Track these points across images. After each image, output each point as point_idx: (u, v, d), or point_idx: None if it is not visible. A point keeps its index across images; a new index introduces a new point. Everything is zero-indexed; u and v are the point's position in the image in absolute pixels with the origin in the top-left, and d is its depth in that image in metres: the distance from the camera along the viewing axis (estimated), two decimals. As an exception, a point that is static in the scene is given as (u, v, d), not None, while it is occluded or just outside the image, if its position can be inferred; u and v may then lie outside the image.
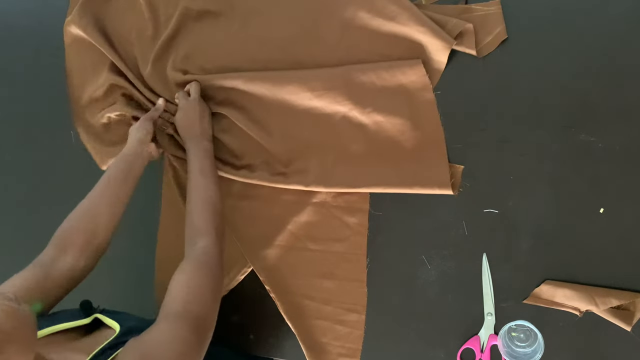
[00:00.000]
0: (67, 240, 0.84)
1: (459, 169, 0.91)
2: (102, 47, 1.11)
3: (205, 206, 0.86)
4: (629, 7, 0.87)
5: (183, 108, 1.00)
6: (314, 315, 0.97)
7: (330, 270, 0.97)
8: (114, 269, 0.92)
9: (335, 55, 0.99)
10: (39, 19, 1.26)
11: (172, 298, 0.72)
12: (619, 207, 0.84)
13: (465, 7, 0.95)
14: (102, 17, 1.16)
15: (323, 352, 0.96)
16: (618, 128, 0.85)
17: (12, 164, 1.25)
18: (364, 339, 0.95)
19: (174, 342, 0.65)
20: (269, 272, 1.00)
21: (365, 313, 0.95)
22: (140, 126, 0.98)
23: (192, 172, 0.91)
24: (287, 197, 1.00)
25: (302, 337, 0.96)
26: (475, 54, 0.92)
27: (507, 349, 0.85)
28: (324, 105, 0.98)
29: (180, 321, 0.68)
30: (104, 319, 0.74)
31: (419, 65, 0.93)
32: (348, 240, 0.97)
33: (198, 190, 0.89)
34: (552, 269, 0.86)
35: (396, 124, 0.94)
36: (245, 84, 1.01)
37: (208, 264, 0.78)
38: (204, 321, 0.71)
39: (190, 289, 0.73)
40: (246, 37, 1.06)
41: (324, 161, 0.97)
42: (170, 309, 0.70)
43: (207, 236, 0.82)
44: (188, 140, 0.97)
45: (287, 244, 1.00)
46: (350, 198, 0.97)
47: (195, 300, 0.72)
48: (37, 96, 1.24)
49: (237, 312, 1.02)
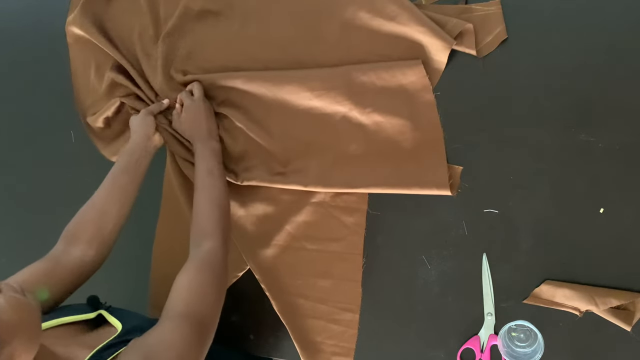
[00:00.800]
0: (75, 233, 0.85)
1: (458, 170, 0.91)
2: (105, 46, 1.11)
3: (213, 207, 0.87)
4: (628, 7, 0.87)
5: (189, 108, 1.00)
6: (309, 314, 0.97)
7: (326, 270, 0.98)
8: (114, 265, 0.92)
9: (336, 55, 0.99)
10: (39, 19, 1.26)
11: (176, 299, 0.72)
12: (619, 207, 0.84)
13: (465, 7, 0.95)
14: (103, 17, 1.16)
15: (317, 351, 0.96)
16: (618, 128, 0.85)
17: (12, 164, 1.25)
18: (364, 339, 0.95)
19: (177, 342, 0.65)
20: (266, 270, 1.00)
21: (359, 313, 0.95)
22: (143, 121, 0.99)
23: (199, 172, 0.91)
24: (286, 196, 1.00)
25: (296, 336, 0.97)
26: (475, 54, 0.92)
27: (507, 349, 0.85)
28: (324, 105, 0.98)
29: (183, 322, 0.68)
30: (107, 316, 0.74)
31: (419, 66, 0.93)
32: (345, 240, 0.97)
33: (206, 191, 0.89)
34: (552, 269, 0.86)
35: (396, 124, 0.94)
36: (245, 83, 1.01)
37: (212, 266, 0.78)
38: (206, 322, 0.71)
39: (194, 290, 0.74)
40: (246, 37, 1.06)
41: (323, 161, 0.97)
42: (174, 310, 0.70)
43: (213, 238, 0.82)
44: (195, 141, 0.97)
45: (285, 243, 1.00)
46: (348, 198, 0.97)
47: (198, 302, 0.72)
48: (37, 96, 1.25)
49: (237, 312, 1.03)
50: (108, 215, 0.88)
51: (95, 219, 0.87)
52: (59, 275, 0.80)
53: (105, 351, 0.65)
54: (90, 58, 1.17)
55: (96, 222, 0.87)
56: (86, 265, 0.83)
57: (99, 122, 1.13)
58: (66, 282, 0.80)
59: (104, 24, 1.16)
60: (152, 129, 0.98)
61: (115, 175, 0.92)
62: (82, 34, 1.15)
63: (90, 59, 1.17)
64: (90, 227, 0.86)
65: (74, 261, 0.82)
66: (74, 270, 0.82)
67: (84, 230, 0.86)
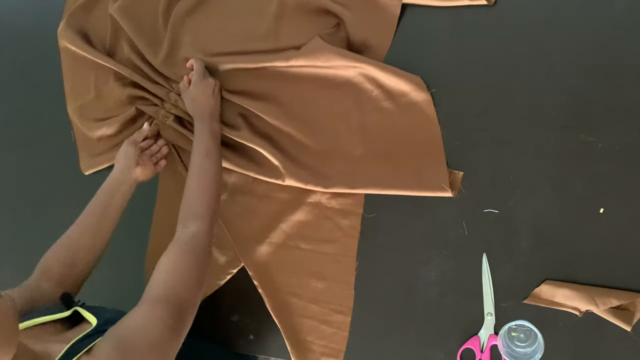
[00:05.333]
0: (49, 269, 0.85)
1: (459, 176, 0.91)
2: (89, 53, 1.13)
3: (206, 189, 0.86)
4: (628, 7, 0.87)
5: (197, 84, 0.99)
6: (301, 314, 0.98)
7: (320, 271, 0.98)
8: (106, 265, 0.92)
9: None
10: (38, 19, 1.27)
11: (155, 281, 0.72)
12: (619, 207, 0.84)
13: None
14: (86, 27, 1.18)
15: (307, 350, 0.96)
16: (618, 128, 0.85)
17: (12, 165, 1.25)
18: (364, 339, 0.95)
19: (151, 325, 0.65)
20: (259, 267, 1.01)
21: (351, 315, 0.95)
22: (124, 152, 0.98)
23: (196, 153, 0.91)
24: (283, 195, 1.01)
25: (287, 334, 0.97)
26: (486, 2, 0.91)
27: (507, 349, 0.85)
28: (322, 105, 0.99)
29: (159, 305, 0.68)
30: (83, 312, 0.74)
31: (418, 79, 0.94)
32: (339, 242, 0.97)
33: (201, 172, 0.89)
34: (552, 269, 0.86)
35: (394, 124, 0.95)
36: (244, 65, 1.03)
37: (195, 250, 0.78)
38: (184, 306, 0.70)
39: (174, 273, 0.73)
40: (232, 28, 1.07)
41: (322, 161, 0.98)
42: (152, 293, 0.70)
43: (202, 220, 0.82)
44: (198, 120, 0.97)
45: (279, 241, 1.01)
46: (344, 200, 0.98)
47: (177, 285, 0.72)
48: (37, 96, 1.25)
49: (237, 312, 1.02)
50: (79, 254, 0.88)
51: (67, 257, 0.87)
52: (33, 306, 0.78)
53: (81, 343, 0.64)
54: (77, 66, 1.19)
55: (68, 261, 0.87)
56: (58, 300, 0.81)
57: (105, 130, 1.13)
58: None
59: (87, 32, 1.18)
60: (133, 161, 0.96)
61: (91, 209, 0.91)
62: (67, 45, 1.17)
63: (76, 67, 1.19)
64: (61, 265, 0.86)
65: (46, 296, 0.81)
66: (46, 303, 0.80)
67: (56, 268, 0.85)
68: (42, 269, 0.86)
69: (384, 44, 0.98)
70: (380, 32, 0.98)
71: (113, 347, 0.62)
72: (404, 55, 0.97)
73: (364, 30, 0.99)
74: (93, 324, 0.70)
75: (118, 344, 0.62)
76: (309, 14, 1.02)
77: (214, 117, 0.98)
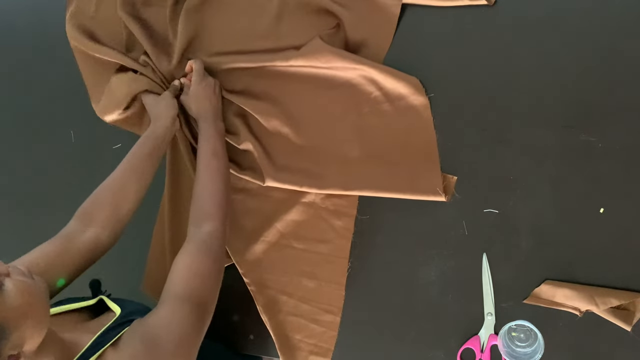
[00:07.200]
0: (91, 213, 0.85)
1: (453, 180, 0.91)
2: (100, 52, 1.11)
3: (216, 189, 0.87)
4: (628, 7, 0.87)
5: (198, 84, 0.99)
6: (290, 312, 0.98)
7: (311, 270, 0.98)
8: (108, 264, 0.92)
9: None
10: (39, 18, 1.26)
11: (175, 280, 0.73)
12: (619, 207, 0.84)
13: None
14: (90, 29, 1.16)
15: (295, 349, 0.97)
16: (618, 128, 0.85)
17: (12, 164, 1.25)
18: (364, 339, 0.95)
19: (178, 324, 0.67)
20: (251, 265, 1.01)
21: (340, 315, 0.96)
22: (170, 104, 0.98)
23: (204, 153, 0.92)
24: (277, 194, 1.01)
25: (276, 332, 0.97)
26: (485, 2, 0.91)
27: (507, 349, 0.85)
28: (319, 106, 0.99)
29: (183, 304, 0.69)
30: (107, 301, 0.75)
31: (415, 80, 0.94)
32: (332, 243, 0.98)
33: (209, 172, 0.89)
34: (552, 269, 0.86)
35: (390, 127, 0.95)
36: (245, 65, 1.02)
37: (212, 248, 0.79)
38: (205, 304, 0.72)
39: (194, 272, 0.75)
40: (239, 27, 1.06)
41: (318, 162, 0.98)
42: (174, 292, 0.71)
43: (215, 220, 0.83)
44: (202, 120, 0.97)
45: (273, 239, 1.01)
46: (338, 202, 0.98)
47: (197, 284, 0.73)
48: (37, 96, 1.24)
49: (237, 312, 1.03)
50: (126, 198, 0.87)
51: (112, 200, 0.86)
52: (71, 255, 0.79)
53: (107, 334, 0.65)
54: (92, 62, 1.17)
55: (113, 203, 0.86)
56: (99, 246, 0.83)
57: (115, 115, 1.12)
58: (78, 263, 0.80)
59: (93, 30, 1.16)
60: (177, 112, 0.98)
61: (137, 158, 0.91)
62: (78, 45, 1.16)
63: (91, 63, 1.17)
64: (107, 208, 0.85)
65: (88, 241, 0.82)
66: (87, 251, 0.81)
67: (100, 211, 0.85)
68: (84, 215, 0.85)
69: (384, 43, 0.98)
70: (380, 32, 0.98)
71: (140, 342, 0.64)
72: (403, 55, 0.97)
73: (364, 30, 0.99)
74: (117, 313, 0.71)
75: (145, 340, 0.64)
76: (310, 14, 1.02)
77: (218, 116, 0.99)
